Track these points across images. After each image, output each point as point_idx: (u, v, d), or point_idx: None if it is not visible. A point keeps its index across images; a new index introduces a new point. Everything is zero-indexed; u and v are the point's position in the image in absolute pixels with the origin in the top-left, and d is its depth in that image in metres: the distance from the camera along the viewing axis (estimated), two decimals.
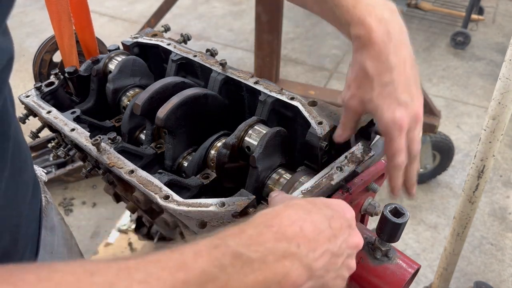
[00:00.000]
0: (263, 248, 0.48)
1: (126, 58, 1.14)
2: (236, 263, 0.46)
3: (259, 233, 0.49)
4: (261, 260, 0.47)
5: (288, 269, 0.48)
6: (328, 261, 0.53)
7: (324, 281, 0.54)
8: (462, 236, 1.65)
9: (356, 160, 0.85)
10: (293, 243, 0.49)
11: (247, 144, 0.90)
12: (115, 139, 0.93)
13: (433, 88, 3.60)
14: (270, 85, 1.01)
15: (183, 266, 0.43)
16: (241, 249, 0.47)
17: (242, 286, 0.45)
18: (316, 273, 0.51)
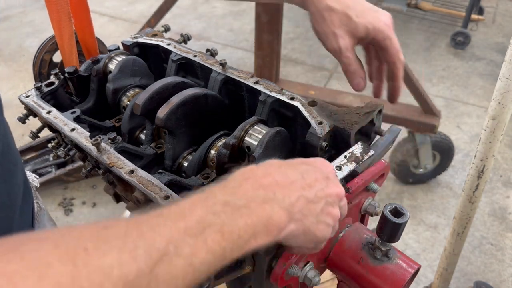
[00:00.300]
0: (245, 196, 0.55)
1: (126, 58, 1.14)
2: (226, 209, 0.52)
3: (239, 185, 0.56)
4: (245, 206, 0.53)
5: (269, 212, 0.55)
6: (304, 206, 0.59)
7: (305, 226, 0.60)
8: (462, 236, 1.65)
9: (356, 159, 0.85)
10: (269, 190, 0.56)
11: (247, 144, 0.90)
12: (115, 139, 0.93)
13: (433, 88, 3.60)
14: (270, 85, 1.01)
15: (182, 216, 0.49)
16: (228, 198, 0.53)
17: (235, 229, 0.51)
18: (295, 216, 0.58)
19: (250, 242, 0.53)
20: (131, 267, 0.41)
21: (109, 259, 0.40)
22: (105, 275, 0.39)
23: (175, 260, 0.45)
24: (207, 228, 0.49)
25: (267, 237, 0.54)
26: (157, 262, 0.43)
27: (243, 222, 0.52)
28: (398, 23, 4.50)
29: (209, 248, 0.48)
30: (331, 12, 0.82)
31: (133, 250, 0.42)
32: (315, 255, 0.79)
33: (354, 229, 0.83)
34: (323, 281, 1.98)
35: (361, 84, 0.89)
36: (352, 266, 0.79)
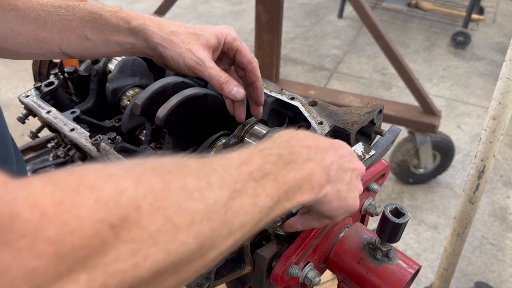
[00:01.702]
0: (293, 151, 0.58)
1: (126, 58, 1.13)
2: (279, 162, 0.55)
3: (286, 141, 0.60)
4: (294, 161, 0.57)
5: (313, 169, 0.58)
6: (338, 171, 0.62)
7: (339, 190, 0.63)
8: (463, 236, 1.65)
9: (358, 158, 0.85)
10: (311, 150, 0.60)
11: (248, 144, 0.90)
12: (115, 139, 0.92)
13: (434, 88, 3.60)
14: (270, 85, 1.01)
15: (245, 162, 0.52)
16: (281, 151, 0.57)
17: (287, 180, 0.54)
18: (331, 178, 0.61)
19: (297, 195, 0.56)
20: (209, 193, 0.44)
21: (190, 183, 0.43)
22: (189, 194, 0.42)
23: (243, 197, 0.48)
24: (265, 175, 0.52)
25: (310, 193, 0.58)
26: (230, 195, 0.46)
27: (293, 175, 0.55)
28: (398, 23, 4.50)
29: (268, 193, 0.51)
30: (177, 34, 0.80)
31: (208, 181, 0.45)
32: (315, 255, 0.79)
33: (354, 229, 0.83)
34: (323, 282, 1.98)
35: (241, 92, 0.82)
36: (352, 267, 0.79)
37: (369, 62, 3.90)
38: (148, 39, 0.80)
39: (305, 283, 0.76)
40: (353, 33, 4.33)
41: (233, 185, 0.48)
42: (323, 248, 0.81)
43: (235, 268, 0.76)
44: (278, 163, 0.55)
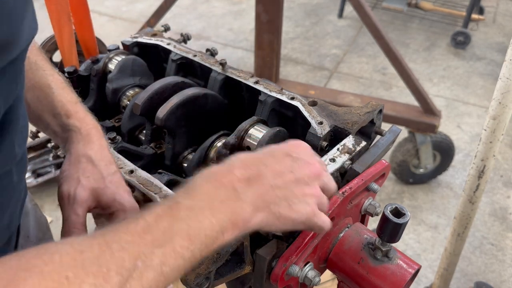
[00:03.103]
0: (207, 196, 0.56)
1: (125, 58, 1.13)
2: (190, 214, 0.53)
3: (200, 187, 0.58)
4: (209, 207, 0.55)
5: (232, 207, 0.56)
6: (269, 194, 0.60)
7: (276, 212, 0.60)
8: (463, 236, 1.65)
9: (348, 151, 0.85)
10: (229, 187, 0.58)
11: (247, 144, 0.90)
12: (115, 139, 0.92)
13: (434, 88, 3.60)
14: (270, 85, 1.01)
15: (148, 229, 0.50)
16: (191, 202, 0.55)
17: (201, 231, 0.53)
18: (259, 206, 0.59)
19: (218, 238, 0.55)
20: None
21: (86, 286, 0.44)
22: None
23: (146, 273, 0.48)
24: (174, 236, 0.51)
25: (234, 231, 0.56)
26: (127, 279, 0.46)
27: (208, 222, 0.54)
28: (398, 23, 4.50)
29: (178, 254, 0.50)
30: (89, 162, 0.75)
31: (106, 273, 0.45)
32: (315, 255, 0.79)
33: (354, 229, 0.83)
34: (323, 282, 1.97)
35: None
36: (352, 267, 0.79)
37: (369, 62, 3.89)
38: (69, 142, 0.77)
39: (305, 283, 0.76)
40: (353, 33, 4.33)
41: (133, 265, 0.47)
42: (323, 248, 0.81)
43: (235, 268, 0.76)
44: (189, 217, 0.53)
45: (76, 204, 0.72)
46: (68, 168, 0.75)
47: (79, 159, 0.75)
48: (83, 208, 0.73)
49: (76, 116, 0.79)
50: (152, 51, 1.23)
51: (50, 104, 0.78)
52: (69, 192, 0.73)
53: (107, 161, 0.77)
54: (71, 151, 0.76)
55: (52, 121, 0.79)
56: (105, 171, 0.76)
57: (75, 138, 0.77)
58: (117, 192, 0.75)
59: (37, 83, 0.78)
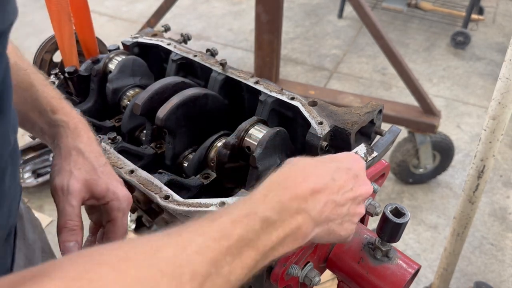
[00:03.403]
0: (280, 208, 0.56)
1: (126, 58, 1.13)
2: (264, 226, 0.54)
3: (277, 195, 0.57)
4: (280, 219, 0.55)
5: (300, 222, 0.57)
6: (331, 211, 0.61)
7: (330, 228, 0.62)
8: (462, 236, 1.65)
9: None
10: (302, 200, 0.58)
11: (247, 144, 0.90)
12: (115, 139, 0.92)
13: (433, 88, 3.60)
14: (270, 85, 1.01)
15: (224, 236, 0.50)
16: (267, 213, 0.55)
17: (268, 243, 0.53)
18: (321, 220, 0.60)
19: (278, 250, 0.55)
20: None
21: None
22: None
23: (216, 279, 0.47)
24: (245, 246, 0.51)
25: (293, 244, 0.57)
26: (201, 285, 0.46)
27: (276, 236, 0.54)
28: (398, 23, 4.50)
29: (244, 264, 0.51)
30: (80, 154, 0.75)
31: (180, 276, 0.44)
32: (315, 255, 0.79)
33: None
34: (323, 281, 1.98)
35: (74, 248, 0.71)
36: (352, 266, 0.79)
37: (369, 62, 3.90)
38: (57, 137, 0.77)
39: (305, 283, 0.76)
40: (353, 33, 4.33)
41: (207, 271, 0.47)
42: (323, 248, 0.81)
43: None
44: (262, 228, 0.53)
45: (70, 195, 0.72)
46: (59, 162, 0.75)
47: (69, 152, 0.75)
48: (77, 199, 0.72)
49: (62, 111, 0.79)
50: (152, 51, 1.23)
51: (35, 102, 0.78)
52: (62, 185, 0.72)
53: (97, 153, 0.78)
54: (61, 146, 0.76)
55: (39, 118, 0.79)
56: (96, 163, 0.76)
57: (63, 132, 0.77)
58: (109, 182, 0.76)
59: (20, 83, 0.77)
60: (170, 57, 1.16)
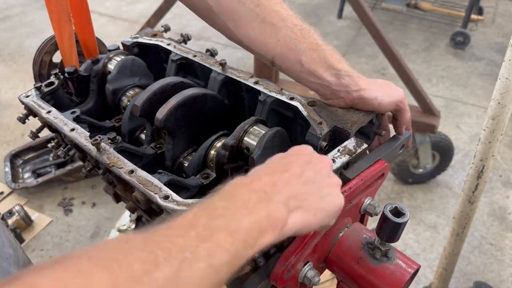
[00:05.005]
0: (241, 199, 0.58)
1: (125, 58, 1.13)
2: (227, 213, 0.55)
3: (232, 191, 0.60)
4: (244, 207, 0.57)
5: (267, 209, 0.58)
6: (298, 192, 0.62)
7: (310, 208, 0.62)
8: (462, 236, 1.65)
9: (349, 152, 0.85)
10: (261, 191, 0.60)
11: (246, 145, 0.90)
12: (115, 139, 0.93)
13: (433, 88, 3.60)
14: (270, 85, 1.01)
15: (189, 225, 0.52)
16: (226, 203, 0.57)
17: (241, 229, 0.54)
18: (292, 205, 0.60)
19: (259, 239, 0.55)
20: (157, 274, 0.45)
21: (137, 268, 0.44)
22: (138, 282, 0.43)
23: (196, 263, 0.48)
24: (215, 232, 0.52)
25: (274, 231, 0.57)
26: (179, 267, 0.47)
27: (246, 221, 0.55)
28: (398, 23, 4.51)
29: (223, 248, 0.51)
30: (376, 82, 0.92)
31: (155, 259, 0.46)
32: (314, 255, 0.79)
33: (354, 229, 0.84)
34: (322, 281, 1.98)
35: None
36: (352, 266, 0.79)
37: (369, 62, 3.90)
38: (351, 82, 0.88)
39: (305, 283, 0.76)
40: (353, 33, 4.33)
41: (181, 254, 0.48)
42: (323, 248, 0.81)
43: None
44: (226, 215, 0.55)
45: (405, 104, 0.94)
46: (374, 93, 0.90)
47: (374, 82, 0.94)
48: None
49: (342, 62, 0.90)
50: (152, 51, 1.23)
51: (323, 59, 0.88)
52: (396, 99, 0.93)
53: None
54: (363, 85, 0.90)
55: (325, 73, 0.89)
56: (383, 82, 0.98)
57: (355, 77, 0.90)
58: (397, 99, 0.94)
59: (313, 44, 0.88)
60: (170, 57, 1.16)
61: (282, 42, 0.88)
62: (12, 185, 2.54)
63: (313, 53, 0.88)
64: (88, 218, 2.47)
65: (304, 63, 0.88)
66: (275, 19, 0.88)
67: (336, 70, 0.88)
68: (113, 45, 1.23)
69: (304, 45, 0.88)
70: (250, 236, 0.54)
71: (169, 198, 0.79)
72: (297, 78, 0.92)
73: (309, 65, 0.88)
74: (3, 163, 2.66)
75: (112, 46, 1.22)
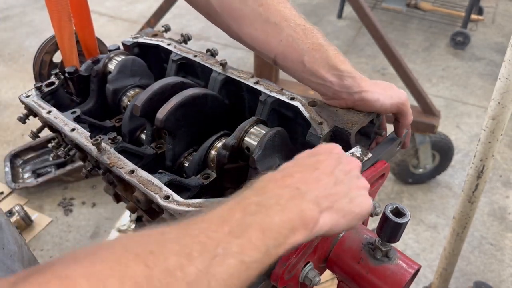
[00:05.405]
0: (274, 194, 0.58)
1: (125, 58, 1.13)
2: (260, 209, 0.55)
3: (265, 186, 0.60)
4: (276, 203, 0.56)
5: (300, 206, 0.57)
6: (329, 193, 0.62)
7: (340, 209, 0.61)
8: (462, 236, 1.65)
9: None
10: (293, 187, 0.59)
11: (247, 145, 0.90)
12: (115, 139, 0.92)
13: (433, 88, 3.60)
14: (270, 85, 1.01)
15: (224, 220, 0.52)
16: (259, 198, 0.57)
17: (273, 226, 0.54)
18: (324, 205, 0.60)
19: (290, 237, 0.55)
20: (190, 269, 0.45)
21: (172, 262, 0.45)
22: (171, 276, 0.44)
23: (227, 259, 0.48)
24: (248, 228, 0.52)
25: (305, 230, 0.57)
26: (211, 263, 0.47)
27: (278, 219, 0.54)
28: (398, 23, 4.51)
29: (255, 245, 0.51)
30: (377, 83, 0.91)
31: (189, 253, 0.47)
32: (315, 255, 0.79)
33: (354, 229, 0.84)
34: (323, 281, 1.98)
35: None
36: (352, 267, 0.79)
37: (369, 62, 3.90)
38: (353, 84, 0.87)
39: (305, 283, 0.76)
40: (353, 33, 4.33)
41: (214, 250, 0.48)
42: (323, 248, 0.81)
43: None
44: (260, 211, 0.54)
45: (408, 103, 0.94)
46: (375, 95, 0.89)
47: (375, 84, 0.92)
48: None
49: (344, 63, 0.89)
50: (152, 51, 1.23)
51: (325, 60, 0.88)
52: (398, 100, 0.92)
53: None
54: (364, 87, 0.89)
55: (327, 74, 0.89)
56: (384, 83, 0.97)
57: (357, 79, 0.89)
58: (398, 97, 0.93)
59: (316, 44, 0.88)
60: (170, 57, 1.16)
61: (284, 42, 0.88)
62: (12, 185, 2.54)
63: (315, 54, 0.87)
64: (88, 218, 2.47)
65: (307, 63, 0.88)
66: (278, 19, 0.88)
67: (339, 71, 0.87)
68: (113, 45, 1.23)
69: (306, 45, 0.87)
70: (281, 234, 0.54)
71: (169, 198, 0.79)
72: (299, 77, 0.92)
73: (311, 65, 0.88)
74: (3, 163, 2.66)
75: (112, 46, 1.22)
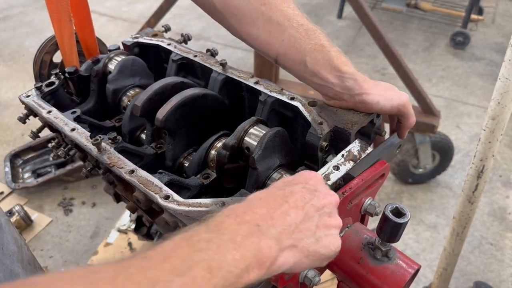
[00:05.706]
0: (229, 231, 0.54)
1: (125, 58, 1.14)
2: (211, 246, 0.51)
3: (221, 221, 0.56)
4: (231, 240, 0.52)
5: (257, 244, 0.53)
6: (294, 230, 0.58)
7: (304, 249, 0.58)
8: (462, 236, 1.65)
9: (353, 158, 0.85)
10: (252, 224, 0.55)
11: (247, 145, 0.90)
12: (116, 139, 0.93)
13: (433, 88, 3.60)
14: (270, 85, 1.01)
15: (166, 257, 0.48)
16: (212, 235, 0.53)
17: (223, 264, 0.50)
18: (285, 244, 0.56)
19: (243, 276, 0.51)
20: None
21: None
22: None
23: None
24: (194, 266, 0.48)
25: (260, 270, 0.53)
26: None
27: (231, 257, 0.51)
28: (398, 23, 4.51)
29: (199, 285, 0.47)
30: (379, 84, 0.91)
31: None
32: None
33: (354, 229, 0.84)
34: (323, 281, 1.98)
35: None
36: (352, 266, 0.79)
37: (369, 62, 3.90)
38: (355, 86, 0.87)
39: (305, 283, 0.76)
40: (353, 33, 4.33)
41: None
42: None
43: None
44: (210, 248, 0.50)
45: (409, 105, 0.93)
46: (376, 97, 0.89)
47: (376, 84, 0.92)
48: None
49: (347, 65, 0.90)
50: (152, 51, 1.23)
51: (328, 61, 0.88)
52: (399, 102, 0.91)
53: None
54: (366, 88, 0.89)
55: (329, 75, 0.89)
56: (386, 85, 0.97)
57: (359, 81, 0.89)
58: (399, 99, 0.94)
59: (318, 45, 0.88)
60: (170, 57, 1.16)
61: (286, 42, 0.88)
62: (12, 185, 2.54)
63: (317, 54, 0.87)
64: (88, 218, 2.47)
65: (308, 63, 0.87)
66: (281, 18, 0.87)
67: (341, 73, 0.87)
68: (113, 45, 1.23)
69: (308, 46, 0.87)
70: (233, 273, 0.50)
71: (169, 198, 0.79)
72: (301, 77, 0.92)
73: (313, 66, 0.87)
74: (3, 163, 2.66)
75: (112, 46, 1.23)
